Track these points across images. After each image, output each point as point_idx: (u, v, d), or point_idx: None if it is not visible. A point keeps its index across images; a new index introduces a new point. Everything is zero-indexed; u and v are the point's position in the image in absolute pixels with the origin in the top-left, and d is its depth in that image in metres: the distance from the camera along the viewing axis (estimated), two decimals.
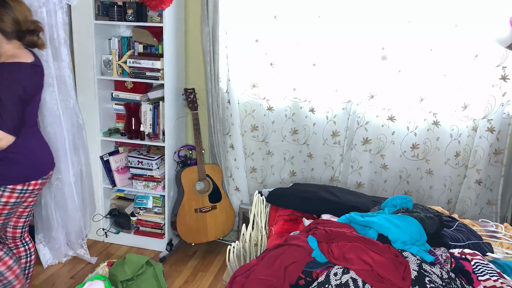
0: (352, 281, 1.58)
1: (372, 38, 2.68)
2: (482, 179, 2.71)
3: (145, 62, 2.87)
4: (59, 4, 2.61)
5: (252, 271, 1.72)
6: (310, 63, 2.83)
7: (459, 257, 1.79)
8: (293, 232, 2.10)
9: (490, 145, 2.63)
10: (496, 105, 2.58)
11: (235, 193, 3.26)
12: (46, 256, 2.92)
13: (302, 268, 1.69)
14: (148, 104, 3.02)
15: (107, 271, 2.50)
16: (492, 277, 1.65)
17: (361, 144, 2.91)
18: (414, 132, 2.80)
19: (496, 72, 2.55)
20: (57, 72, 2.69)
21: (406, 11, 2.60)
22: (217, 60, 2.94)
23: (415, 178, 2.88)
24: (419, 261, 1.65)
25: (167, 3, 2.67)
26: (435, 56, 2.62)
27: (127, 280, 2.42)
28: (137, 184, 3.10)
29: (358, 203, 2.39)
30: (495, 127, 2.61)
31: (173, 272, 2.91)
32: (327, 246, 1.73)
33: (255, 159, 3.17)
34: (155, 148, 3.16)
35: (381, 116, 2.83)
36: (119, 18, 2.86)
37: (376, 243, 1.73)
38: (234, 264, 2.27)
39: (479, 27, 2.50)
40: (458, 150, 2.75)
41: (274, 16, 2.81)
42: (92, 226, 3.21)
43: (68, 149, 2.79)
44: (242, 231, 2.43)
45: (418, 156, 2.84)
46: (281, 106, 3.00)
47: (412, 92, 2.72)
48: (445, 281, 1.59)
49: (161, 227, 3.15)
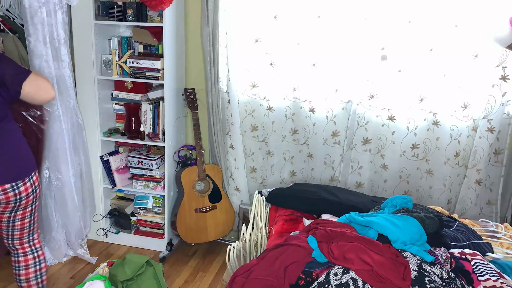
0: (352, 281, 1.58)
1: (372, 38, 2.68)
2: (482, 179, 2.71)
3: (145, 62, 2.87)
4: (59, 4, 2.61)
5: (252, 271, 1.72)
6: (310, 63, 2.83)
7: (459, 257, 1.79)
8: (293, 232, 2.11)
9: (490, 145, 2.63)
10: (496, 105, 2.58)
11: (235, 193, 3.26)
12: (46, 256, 2.92)
13: (302, 268, 1.69)
14: (148, 104, 3.02)
15: (107, 271, 2.50)
16: (492, 277, 1.65)
17: (361, 144, 2.91)
18: (414, 132, 2.80)
19: (496, 72, 2.54)
20: (57, 72, 2.69)
21: (406, 11, 2.60)
22: (217, 60, 2.94)
23: (415, 178, 2.88)
24: (419, 261, 1.65)
25: (167, 3, 2.67)
26: (435, 56, 2.62)
27: (127, 280, 2.42)
28: (137, 184, 3.10)
29: (358, 203, 2.39)
30: (495, 127, 2.61)
31: (173, 272, 2.91)
32: (327, 246, 1.73)
33: (255, 159, 3.17)
34: (155, 148, 3.16)
35: (381, 116, 2.83)
36: (119, 18, 2.86)
37: (376, 243, 1.73)
38: (234, 264, 2.27)
39: (479, 27, 2.50)
40: (458, 150, 2.75)
41: (274, 16, 2.81)
42: (92, 226, 3.21)
43: (68, 149, 2.79)
44: (242, 231, 2.43)
45: (418, 156, 2.84)
46: (281, 106, 3.00)
47: (412, 92, 2.72)
48: (445, 281, 1.59)
49: (161, 227, 3.15)
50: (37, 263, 2.22)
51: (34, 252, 2.22)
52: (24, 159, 2.03)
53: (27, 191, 2.02)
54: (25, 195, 2.02)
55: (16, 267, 2.20)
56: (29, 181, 2.02)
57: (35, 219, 2.18)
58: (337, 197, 2.47)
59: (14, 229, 2.13)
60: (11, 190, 1.96)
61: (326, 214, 2.33)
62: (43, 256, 2.25)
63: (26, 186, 2.00)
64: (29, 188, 2.02)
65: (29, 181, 2.02)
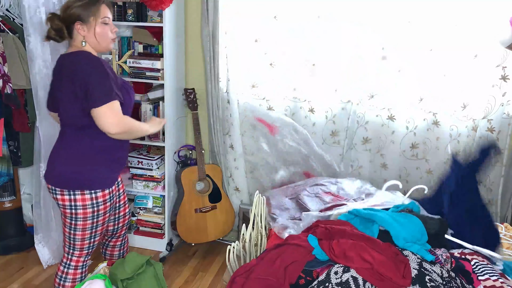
0: (352, 279, 1.58)
1: (372, 38, 2.68)
2: (483, 180, 2.70)
3: (145, 62, 2.87)
4: (59, 4, 2.61)
5: (252, 271, 1.72)
6: (310, 63, 2.83)
7: (459, 257, 1.79)
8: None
9: None
10: (496, 105, 2.58)
11: (235, 193, 3.26)
12: (45, 256, 2.92)
13: (302, 268, 1.69)
14: (148, 104, 3.02)
15: (107, 271, 2.49)
16: (492, 277, 1.65)
17: (361, 144, 2.91)
18: (413, 132, 2.80)
19: (496, 72, 2.54)
20: None
21: (406, 11, 2.60)
22: (217, 60, 2.95)
23: (415, 178, 2.88)
24: (419, 259, 1.65)
25: (167, 3, 2.67)
26: (435, 56, 2.62)
27: (127, 279, 2.41)
28: (137, 184, 3.10)
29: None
30: (495, 127, 2.61)
31: (173, 272, 2.91)
32: (328, 243, 1.73)
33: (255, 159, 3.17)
34: (155, 148, 3.16)
35: (381, 115, 2.83)
36: (119, 18, 2.86)
37: (377, 241, 1.73)
38: (234, 264, 2.27)
39: (479, 27, 2.50)
40: (458, 150, 2.74)
41: (274, 16, 2.81)
42: None
43: None
44: (242, 231, 2.43)
45: (417, 156, 2.84)
46: (281, 106, 3.00)
47: (412, 92, 2.72)
48: (446, 280, 1.59)
49: (161, 227, 3.15)
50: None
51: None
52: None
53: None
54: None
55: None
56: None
57: (65, 233, 2.12)
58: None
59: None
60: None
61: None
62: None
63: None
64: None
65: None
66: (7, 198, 3.08)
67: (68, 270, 2.13)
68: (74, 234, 2.05)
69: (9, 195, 3.08)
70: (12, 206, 3.11)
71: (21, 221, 3.22)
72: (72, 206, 1.99)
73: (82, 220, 2.02)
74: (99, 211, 2.04)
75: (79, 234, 2.05)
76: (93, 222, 2.04)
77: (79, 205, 1.99)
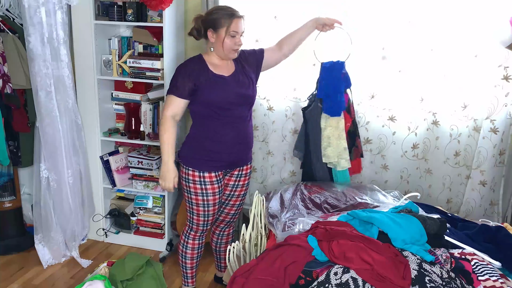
0: (352, 280, 1.57)
1: (372, 38, 2.68)
2: (487, 181, 2.67)
3: (145, 62, 2.87)
4: (58, 4, 2.61)
5: (252, 271, 1.72)
6: (310, 63, 2.82)
7: (459, 257, 1.79)
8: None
9: (494, 146, 2.60)
10: (499, 106, 2.56)
11: None
12: (45, 256, 2.92)
13: (302, 268, 1.69)
14: (148, 104, 3.02)
15: (107, 271, 2.50)
16: (492, 277, 1.65)
17: (362, 145, 2.90)
18: (414, 132, 2.79)
19: (498, 72, 2.53)
20: (55, 72, 2.69)
21: (406, 11, 2.59)
22: None
23: (415, 177, 2.88)
24: (419, 260, 1.65)
25: (167, 3, 2.67)
26: (435, 56, 2.62)
27: (127, 280, 2.42)
28: (137, 184, 3.10)
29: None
30: (498, 128, 2.59)
31: (173, 272, 2.91)
32: (328, 245, 1.73)
33: (255, 159, 3.16)
34: (155, 148, 3.15)
35: (382, 116, 2.82)
36: (119, 18, 2.86)
37: (376, 242, 1.73)
38: (234, 264, 2.27)
39: (480, 27, 2.49)
40: (458, 150, 2.74)
41: (274, 16, 2.81)
42: (92, 226, 3.21)
43: (65, 150, 2.79)
44: (242, 231, 2.43)
45: (417, 156, 2.83)
46: (281, 106, 2.99)
47: (413, 92, 2.72)
48: (445, 281, 1.58)
49: (161, 227, 3.14)
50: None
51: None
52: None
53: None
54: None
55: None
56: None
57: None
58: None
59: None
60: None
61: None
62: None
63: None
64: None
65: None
66: (7, 198, 3.08)
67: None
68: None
69: (9, 195, 3.08)
70: (12, 206, 3.11)
71: (21, 221, 3.22)
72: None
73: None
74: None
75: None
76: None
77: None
